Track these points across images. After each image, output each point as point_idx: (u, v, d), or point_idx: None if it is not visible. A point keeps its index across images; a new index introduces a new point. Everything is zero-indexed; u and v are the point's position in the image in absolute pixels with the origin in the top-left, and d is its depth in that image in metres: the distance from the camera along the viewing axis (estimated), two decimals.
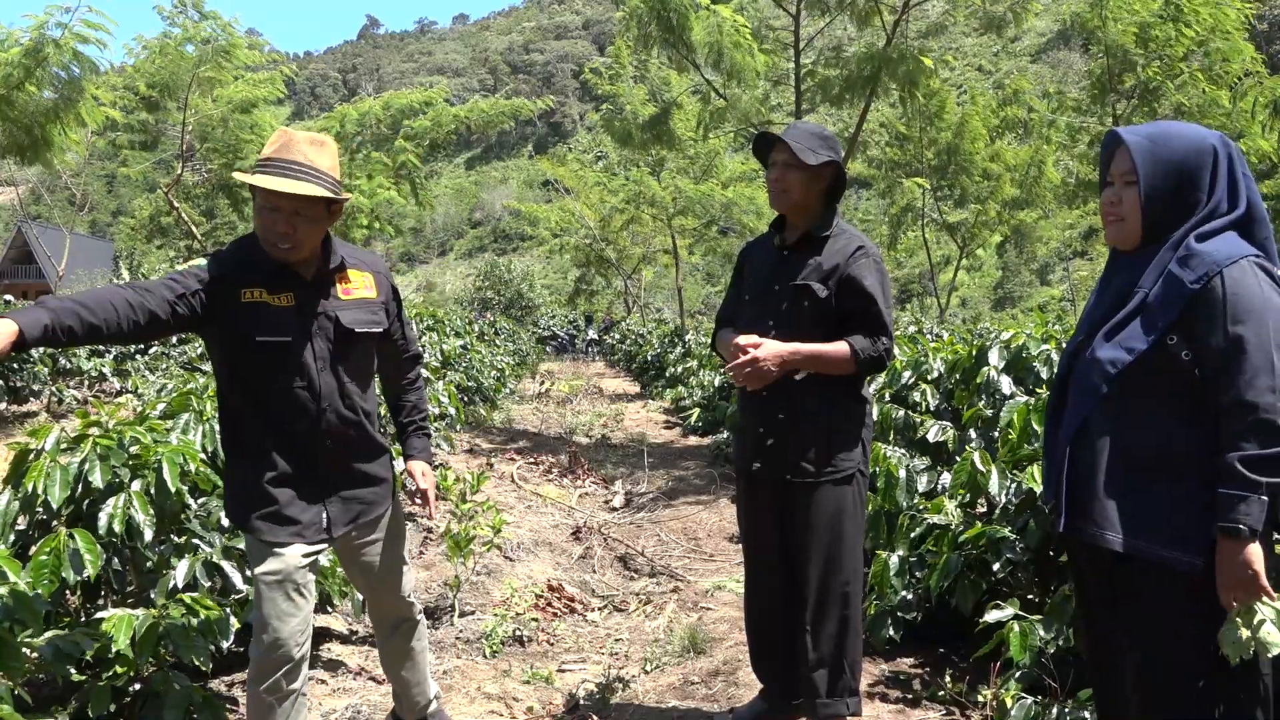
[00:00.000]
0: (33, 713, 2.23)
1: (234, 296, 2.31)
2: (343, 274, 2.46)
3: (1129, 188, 1.94)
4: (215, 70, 11.74)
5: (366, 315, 2.47)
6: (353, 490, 2.49)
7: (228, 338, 2.34)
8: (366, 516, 2.53)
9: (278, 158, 2.29)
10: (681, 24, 9.73)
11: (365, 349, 2.50)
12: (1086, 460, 1.93)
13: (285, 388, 2.35)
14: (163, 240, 24.86)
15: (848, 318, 2.74)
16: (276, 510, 2.37)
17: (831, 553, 2.75)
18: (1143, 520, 1.84)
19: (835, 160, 2.78)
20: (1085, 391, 1.94)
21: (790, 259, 2.83)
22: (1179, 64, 10.82)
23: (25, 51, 8.66)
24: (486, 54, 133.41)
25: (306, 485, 2.41)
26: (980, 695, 3.07)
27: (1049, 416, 2.09)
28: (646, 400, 14.46)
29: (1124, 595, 1.91)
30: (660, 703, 3.35)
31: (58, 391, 9.97)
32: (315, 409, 2.38)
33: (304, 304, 2.38)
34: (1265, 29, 34.79)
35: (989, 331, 7.82)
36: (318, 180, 2.30)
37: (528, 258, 50.46)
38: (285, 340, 2.33)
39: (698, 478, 7.76)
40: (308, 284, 2.40)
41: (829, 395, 2.77)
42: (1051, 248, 34.14)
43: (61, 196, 34.81)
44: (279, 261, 2.35)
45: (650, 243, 24.43)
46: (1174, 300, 1.83)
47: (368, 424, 2.50)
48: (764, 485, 2.88)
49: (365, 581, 2.66)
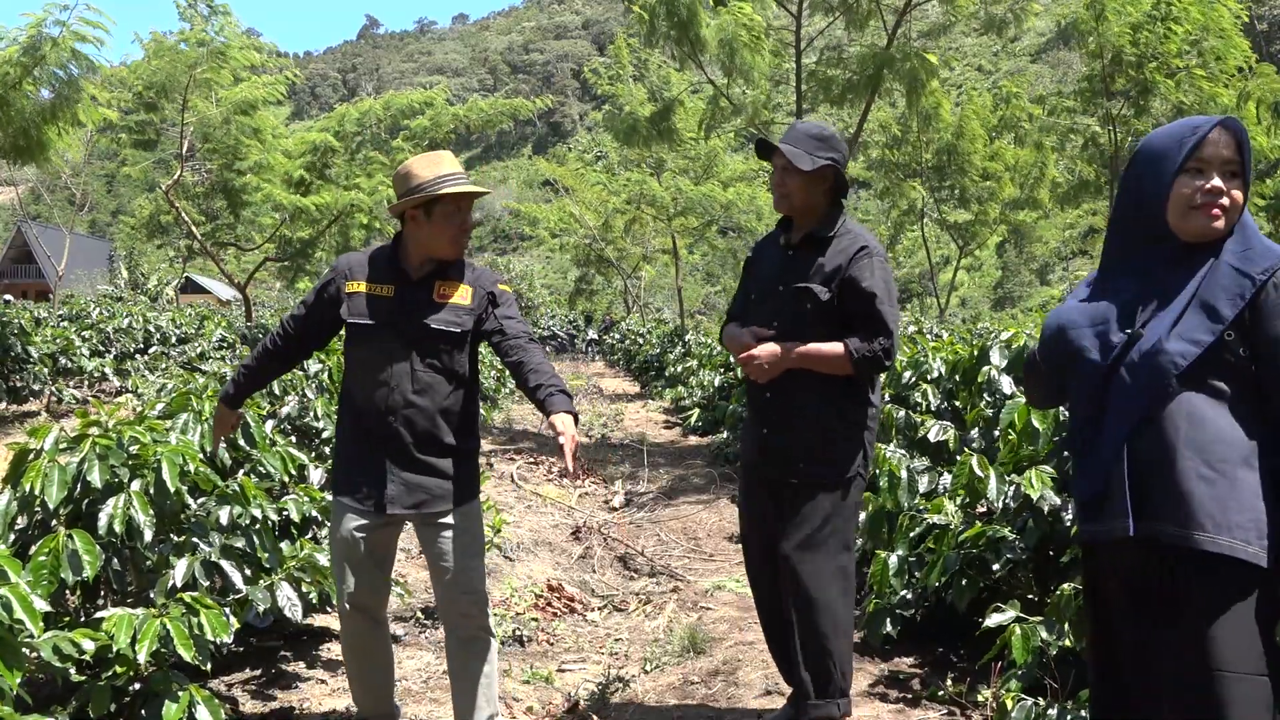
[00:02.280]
0: (33, 713, 2.23)
1: (343, 288, 2.77)
2: (445, 279, 2.77)
3: (1234, 179, 1.85)
4: (212, 72, 11.74)
5: (450, 316, 2.74)
6: (416, 476, 2.69)
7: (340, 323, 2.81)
8: (430, 508, 2.71)
9: (450, 173, 2.71)
10: (691, 19, 9.73)
11: (445, 347, 2.73)
12: (1152, 457, 1.82)
13: (367, 366, 2.71)
14: (163, 240, 24.82)
15: (850, 318, 2.73)
16: (346, 478, 2.73)
17: (818, 554, 2.73)
18: (1226, 517, 1.76)
19: (833, 162, 2.77)
20: (1145, 386, 1.83)
21: (795, 259, 2.82)
22: (1174, 61, 10.84)
23: (23, 50, 8.64)
24: (486, 54, 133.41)
25: (372, 460, 2.70)
26: (980, 695, 3.07)
27: (1085, 417, 1.94)
28: (646, 400, 14.46)
29: (1192, 596, 1.79)
30: (660, 703, 3.35)
31: (57, 391, 9.97)
32: (387, 390, 2.68)
33: (402, 297, 2.73)
34: (1265, 29, 34.79)
35: (989, 331, 7.82)
36: (475, 184, 2.77)
37: (528, 258, 50.44)
38: (369, 324, 2.70)
39: (698, 478, 7.76)
40: (413, 282, 2.75)
41: (828, 396, 2.76)
42: (1051, 248, 34.15)
43: (61, 196, 34.77)
44: (392, 259, 2.77)
45: (650, 243, 24.43)
46: (1235, 294, 1.79)
47: (441, 420, 2.71)
48: (763, 483, 2.89)
49: (433, 576, 2.82)
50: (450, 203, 2.71)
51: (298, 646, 3.63)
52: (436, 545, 2.75)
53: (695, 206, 18.03)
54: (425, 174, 2.70)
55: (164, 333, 13.89)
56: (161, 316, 14.91)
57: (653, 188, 18.61)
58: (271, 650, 3.55)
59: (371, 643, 2.86)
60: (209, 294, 45.57)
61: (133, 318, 13.82)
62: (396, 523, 2.78)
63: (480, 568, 2.82)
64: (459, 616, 2.80)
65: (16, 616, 2.12)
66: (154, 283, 39.41)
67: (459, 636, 2.81)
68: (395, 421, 2.68)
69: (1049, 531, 3.19)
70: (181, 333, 14.35)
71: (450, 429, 2.74)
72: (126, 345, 12.83)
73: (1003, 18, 10.55)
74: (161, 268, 40.30)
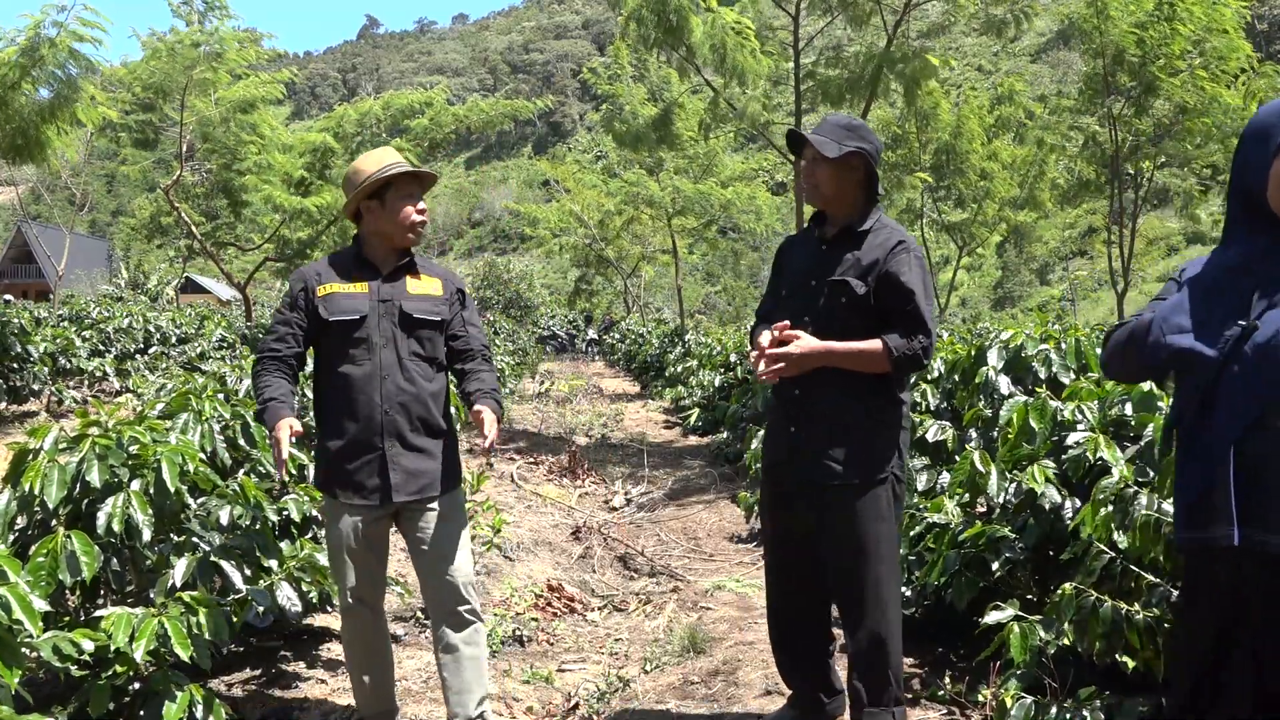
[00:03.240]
0: (32, 712, 2.23)
1: (314, 293, 2.82)
2: (414, 273, 2.89)
3: None
4: (209, 72, 11.74)
5: (429, 305, 2.86)
6: (415, 463, 2.78)
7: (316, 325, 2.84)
8: (428, 492, 2.81)
9: (396, 161, 2.84)
10: (682, 25, 9.72)
11: (428, 334, 2.85)
12: (1264, 460, 1.67)
13: (353, 361, 2.77)
14: (163, 240, 24.85)
15: (887, 314, 2.65)
16: (343, 475, 2.76)
17: (864, 559, 2.66)
18: None
19: (862, 149, 2.68)
20: (1259, 382, 1.68)
21: (829, 254, 2.75)
22: (1176, 61, 10.84)
23: (21, 50, 8.64)
24: (486, 54, 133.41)
25: (371, 452, 2.75)
26: (980, 695, 3.06)
27: (1192, 414, 1.79)
28: (646, 400, 14.46)
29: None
30: (660, 703, 3.34)
31: (57, 391, 9.96)
32: (379, 380, 2.75)
33: (378, 291, 2.82)
34: (1265, 29, 34.79)
35: (989, 331, 7.82)
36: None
37: (527, 258, 50.44)
38: (354, 319, 2.77)
39: (698, 478, 7.76)
40: (383, 277, 2.84)
41: (858, 394, 2.67)
42: (1051, 247, 34.12)
43: (61, 196, 34.77)
44: (359, 258, 2.86)
45: (649, 242, 24.43)
46: None
47: (431, 404, 2.82)
48: (793, 487, 2.79)
49: (421, 563, 2.86)
50: (401, 186, 2.83)
51: (298, 646, 3.63)
52: (428, 531, 2.82)
53: (694, 206, 18.02)
54: (371, 167, 2.84)
55: (164, 333, 13.89)
56: (161, 316, 14.90)
57: (650, 187, 18.61)
58: (271, 650, 3.56)
59: (373, 637, 2.89)
60: (209, 294, 45.58)
61: (133, 318, 13.82)
62: (391, 513, 2.84)
63: (468, 552, 2.91)
64: (450, 601, 2.84)
65: (15, 616, 2.12)
66: (154, 283, 39.42)
67: (450, 621, 2.85)
68: (391, 410, 2.76)
69: (1049, 530, 3.19)
70: (181, 333, 14.35)
71: (439, 413, 2.86)
72: (126, 345, 12.83)
73: (1003, 18, 10.55)
74: (161, 268, 40.30)
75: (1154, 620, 2.57)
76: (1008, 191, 16.54)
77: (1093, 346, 4.17)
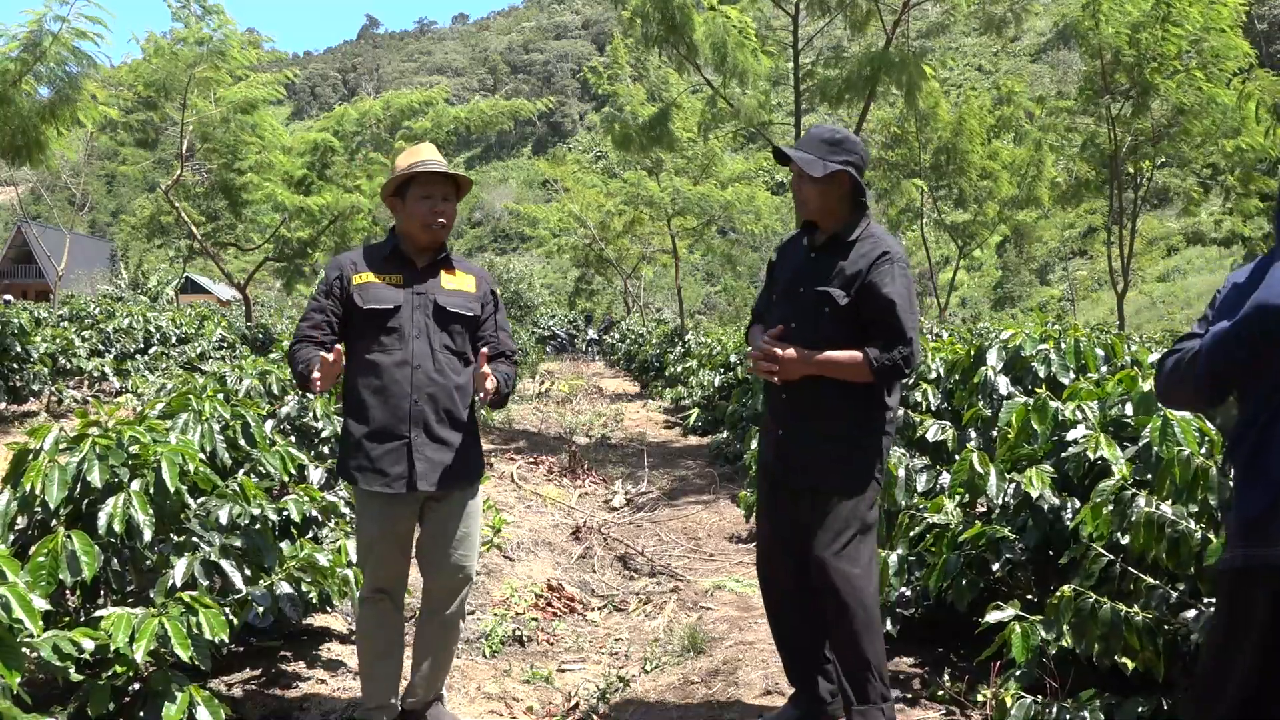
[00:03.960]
0: (32, 712, 2.23)
1: (349, 280, 2.85)
2: (449, 268, 2.94)
3: None
4: (212, 71, 11.73)
5: (462, 301, 2.91)
6: (439, 453, 2.81)
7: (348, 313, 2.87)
8: (449, 484, 2.84)
9: (425, 159, 2.87)
10: (684, 22, 9.73)
11: (459, 329, 2.89)
12: None
13: (385, 350, 2.81)
14: (163, 240, 24.82)
15: (869, 324, 2.71)
16: (370, 464, 2.79)
17: (841, 558, 2.71)
18: None
19: (847, 166, 2.73)
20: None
21: (817, 262, 2.81)
22: (1173, 62, 10.84)
23: (22, 46, 8.62)
24: (486, 54, 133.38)
25: (398, 441, 2.79)
26: (980, 695, 3.07)
27: (1255, 434, 1.70)
28: (646, 400, 14.46)
29: None
30: (660, 703, 3.35)
31: (57, 391, 9.96)
32: (409, 369, 2.80)
33: (413, 283, 2.87)
34: (1265, 29, 34.79)
35: (988, 331, 7.82)
36: (452, 168, 2.92)
37: (527, 258, 50.43)
38: (389, 308, 2.81)
39: (698, 478, 7.76)
40: (420, 270, 2.89)
41: (845, 399, 2.74)
42: (1051, 248, 34.09)
43: (61, 196, 34.77)
44: (395, 250, 2.89)
45: (649, 243, 24.43)
46: None
47: (458, 397, 2.86)
48: (782, 487, 2.87)
49: (427, 554, 2.90)
50: (420, 185, 2.86)
51: (298, 646, 3.63)
52: (443, 523, 2.86)
53: (693, 206, 18.02)
54: (402, 163, 2.90)
55: (164, 333, 13.89)
56: (161, 316, 14.89)
57: (649, 188, 18.61)
58: (271, 650, 3.55)
59: (389, 629, 2.94)
60: (209, 294, 45.57)
61: (133, 318, 13.82)
62: (417, 502, 2.87)
63: (476, 552, 2.95)
64: (449, 595, 2.90)
65: (16, 616, 2.12)
66: (154, 283, 39.40)
67: (442, 615, 2.91)
68: (420, 400, 2.80)
69: (1049, 531, 3.19)
70: (181, 333, 14.34)
71: (464, 407, 2.90)
72: (126, 345, 12.83)
73: (1002, 17, 10.55)
74: (162, 268, 40.29)
75: (1153, 621, 2.57)
76: (1009, 192, 16.55)
77: (1092, 347, 4.18)
